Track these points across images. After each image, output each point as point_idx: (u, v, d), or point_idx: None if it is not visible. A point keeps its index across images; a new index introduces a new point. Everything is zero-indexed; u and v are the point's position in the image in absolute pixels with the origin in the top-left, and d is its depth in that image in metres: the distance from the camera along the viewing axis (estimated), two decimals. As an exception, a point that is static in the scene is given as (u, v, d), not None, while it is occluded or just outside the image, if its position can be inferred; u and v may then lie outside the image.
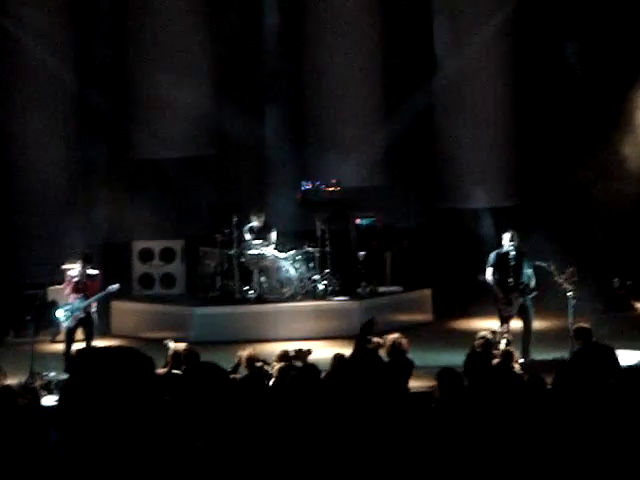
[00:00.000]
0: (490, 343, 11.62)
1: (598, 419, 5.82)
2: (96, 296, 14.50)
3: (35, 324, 14.24)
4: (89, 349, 5.16)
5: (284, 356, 10.95)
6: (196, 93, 18.61)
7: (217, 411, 4.64)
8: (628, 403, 5.89)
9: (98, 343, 15.46)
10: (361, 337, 9.51)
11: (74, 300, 14.42)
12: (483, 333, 11.82)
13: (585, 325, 11.97)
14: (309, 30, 19.32)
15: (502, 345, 12.55)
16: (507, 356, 11.07)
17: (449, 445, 5.72)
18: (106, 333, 16.76)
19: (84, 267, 14.49)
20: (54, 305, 14.64)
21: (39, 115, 18.22)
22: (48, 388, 12.97)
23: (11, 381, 13.15)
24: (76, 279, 14.49)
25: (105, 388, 3.55)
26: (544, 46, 19.34)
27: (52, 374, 13.78)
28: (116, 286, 14.70)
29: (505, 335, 13.30)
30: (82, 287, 14.44)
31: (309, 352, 11.17)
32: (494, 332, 12.47)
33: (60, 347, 14.55)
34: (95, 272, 14.66)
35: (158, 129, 18.76)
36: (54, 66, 18.16)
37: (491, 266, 14.39)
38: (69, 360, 14.01)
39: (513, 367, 10.79)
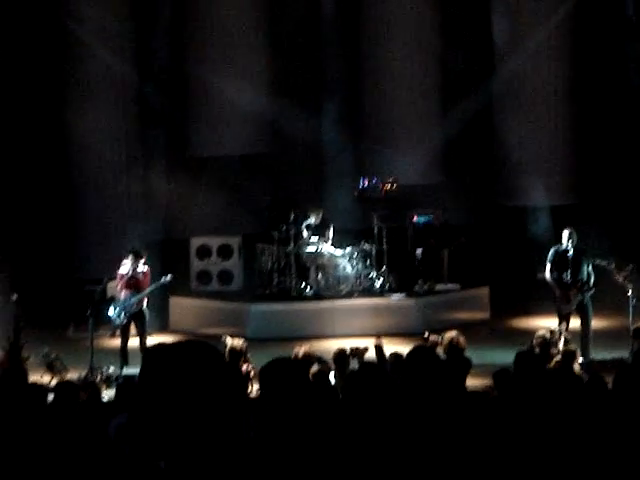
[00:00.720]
0: (548, 343, 11.51)
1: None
2: (148, 289, 14.60)
3: (94, 319, 14.38)
4: (160, 345, 5.18)
5: (340, 354, 10.93)
6: (254, 91, 18.68)
7: (295, 409, 4.62)
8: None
9: (155, 339, 15.61)
10: None
11: (125, 296, 14.53)
12: (541, 332, 11.71)
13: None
14: (367, 28, 19.29)
15: (561, 344, 12.42)
16: (568, 356, 10.94)
17: (506, 444, 5.69)
18: (164, 329, 16.89)
19: (134, 263, 14.58)
20: (113, 300, 14.77)
21: (100, 112, 18.40)
22: (108, 383, 13.10)
23: (71, 375, 13.33)
24: (127, 275, 14.60)
25: (181, 383, 3.51)
26: (605, 42, 19.13)
27: (111, 369, 13.91)
28: (168, 277, 14.78)
29: (564, 334, 13.18)
30: (133, 283, 14.54)
31: (366, 350, 11.14)
32: (552, 331, 12.35)
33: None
34: (145, 268, 14.74)
35: (216, 127, 18.85)
36: (115, 64, 18.33)
37: (549, 263, 14.29)
38: (124, 355, 14.13)
39: (573, 367, 10.67)
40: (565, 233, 14.34)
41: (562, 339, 12.69)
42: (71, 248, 18.33)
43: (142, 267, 14.69)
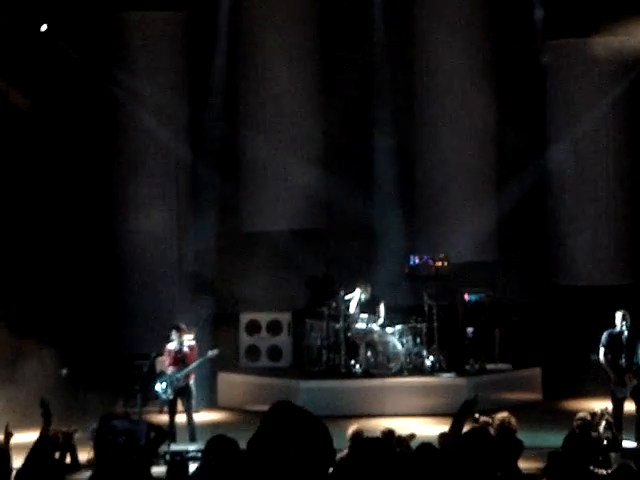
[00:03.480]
0: (589, 425, 11.28)
1: None
2: (194, 364, 14.57)
3: (143, 394, 14.33)
4: (220, 437, 5.15)
5: (388, 434, 10.72)
6: (307, 166, 18.75)
7: None
8: None
9: (203, 415, 15.53)
10: (460, 414, 9.33)
11: (173, 372, 14.51)
12: (582, 415, 11.50)
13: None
14: (420, 104, 19.34)
15: (601, 427, 12.13)
16: (611, 442, 10.72)
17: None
18: (212, 405, 16.80)
19: (180, 338, 14.59)
20: (161, 376, 14.74)
21: (152, 187, 18.54)
22: (158, 459, 12.97)
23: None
24: (174, 350, 14.60)
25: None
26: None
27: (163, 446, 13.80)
28: (215, 351, 14.76)
29: (606, 417, 12.80)
30: (180, 358, 14.53)
31: (413, 437, 10.89)
32: (594, 414, 12.08)
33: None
34: (192, 343, 14.75)
35: (268, 201, 18.92)
36: (168, 138, 18.49)
37: (603, 346, 14.08)
38: (172, 431, 14.02)
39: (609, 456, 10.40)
40: (618, 315, 14.13)
41: (603, 423, 12.35)
42: (122, 324, 18.33)
43: (189, 342, 14.69)
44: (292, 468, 3.45)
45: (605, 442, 11.82)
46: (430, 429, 13.28)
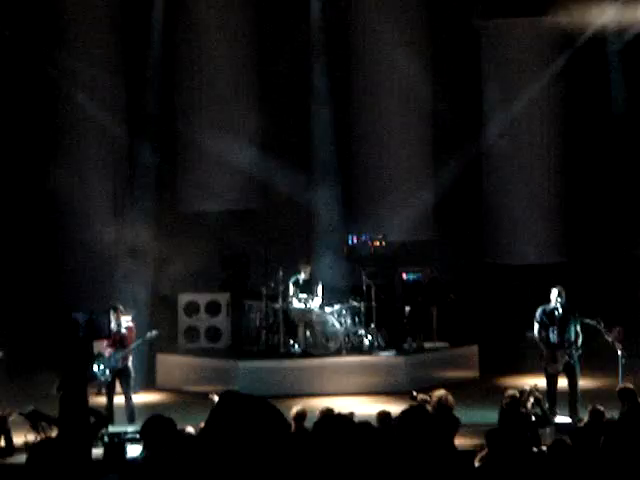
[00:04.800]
0: (517, 401, 11.44)
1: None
2: (133, 345, 14.50)
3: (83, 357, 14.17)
4: (157, 417, 5.15)
5: (327, 413, 10.79)
6: (244, 147, 18.73)
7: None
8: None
9: (141, 396, 15.47)
10: None
11: (110, 353, 14.43)
12: (511, 392, 11.65)
13: (629, 386, 11.71)
14: (357, 85, 19.38)
15: (529, 404, 12.28)
16: (540, 418, 10.93)
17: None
18: (151, 386, 16.75)
19: (117, 319, 14.50)
20: (100, 357, 14.65)
21: (88, 167, 18.41)
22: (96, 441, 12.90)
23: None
24: (111, 332, 14.47)
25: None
26: (594, 102, 19.25)
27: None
28: (153, 333, 14.71)
29: (535, 393, 12.91)
30: (118, 339, 14.45)
31: (351, 416, 10.96)
32: (522, 391, 12.23)
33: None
34: (130, 323, 14.68)
35: (206, 183, 18.87)
36: (105, 119, 18.37)
37: (537, 322, 14.23)
38: (110, 413, 13.96)
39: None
40: (554, 292, 14.27)
41: (531, 399, 12.48)
42: (60, 303, 18.19)
43: (127, 323, 14.61)
44: (249, 448, 3.50)
45: (534, 418, 11.99)
46: (369, 408, 13.37)
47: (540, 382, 14.22)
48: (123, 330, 14.51)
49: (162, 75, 19.03)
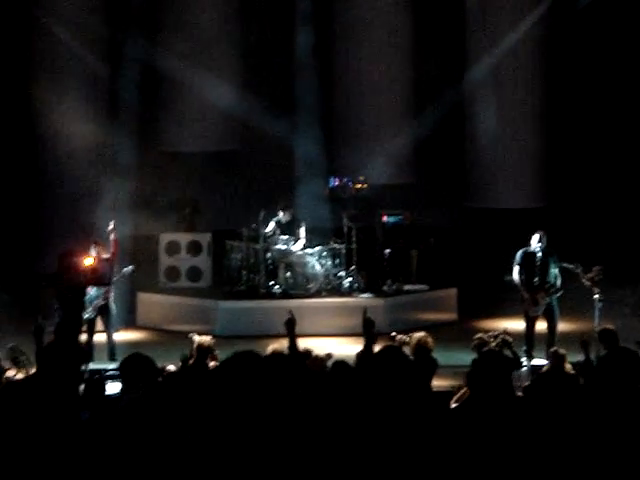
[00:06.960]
0: (484, 344, 11.52)
1: (623, 427, 5.78)
2: (112, 280, 14.46)
3: (62, 313, 14.25)
4: (136, 355, 5.18)
5: (306, 354, 10.86)
6: (226, 88, 18.66)
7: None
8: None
9: (122, 335, 15.53)
10: (365, 333, 9.50)
11: (91, 290, 14.41)
12: (480, 335, 11.71)
13: (610, 327, 11.82)
14: (340, 29, 19.31)
15: (494, 345, 12.29)
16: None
17: (471, 447, 5.69)
18: (132, 325, 16.83)
19: (99, 254, 14.43)
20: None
21: (69, 105, 18.31)
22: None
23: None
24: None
25: None
26: (578, 47, 19.23)
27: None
28: (130, 268, 14.74)
29: (503, 336, 12.90)
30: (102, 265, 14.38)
31: (329, 357, 11.03)
32: (495, 336, 12.20)
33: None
34: (107, 255, 14.63)
35: (187, 122, 18.82)
36: (86, 56, 18.27)
37: (517, 264, 14.33)
38: (90, 350, 14.00)
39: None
40: (535, 236, 14.35)
41: (498, 341, 12.46)
42: (38, 241, 18.20)
43: (104, 255, 14.37)
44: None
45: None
46: (348, 349, 13.46)
47: (518, 325, 14.37)
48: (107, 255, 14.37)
49: (144, 14, 18.88)
